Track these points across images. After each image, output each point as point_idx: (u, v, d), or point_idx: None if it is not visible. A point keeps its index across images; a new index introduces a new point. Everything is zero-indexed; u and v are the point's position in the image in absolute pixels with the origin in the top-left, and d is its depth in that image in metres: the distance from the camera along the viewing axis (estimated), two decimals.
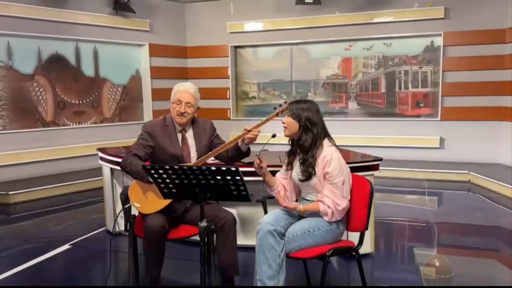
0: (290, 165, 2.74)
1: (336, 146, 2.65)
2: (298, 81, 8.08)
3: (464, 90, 7.00)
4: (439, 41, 7.11)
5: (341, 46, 7.73)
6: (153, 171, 2.24)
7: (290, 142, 2.78)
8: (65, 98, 7.00)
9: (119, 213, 2.76)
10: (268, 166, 2.74)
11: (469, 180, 6.31)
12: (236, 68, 8.44)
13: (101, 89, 7.47)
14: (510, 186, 5.47)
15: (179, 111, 2.85)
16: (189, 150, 2.92)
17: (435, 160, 7.16)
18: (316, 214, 2.57)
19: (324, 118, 2.67)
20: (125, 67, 7.78)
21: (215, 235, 2.59)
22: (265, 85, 8.30)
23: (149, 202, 2.71)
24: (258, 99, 8.37)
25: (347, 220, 2.63)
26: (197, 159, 2.86)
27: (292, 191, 2.79)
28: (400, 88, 7.54)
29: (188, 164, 2.79)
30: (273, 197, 2.78)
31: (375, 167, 3.56)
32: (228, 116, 8.36)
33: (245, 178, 2.12)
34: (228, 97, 8.34)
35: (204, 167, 2.15)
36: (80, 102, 7.21)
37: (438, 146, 7.21)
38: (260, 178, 2.74)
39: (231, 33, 8.19)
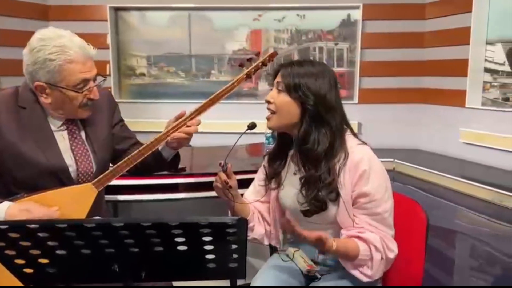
0: (276, 177, 1.51)
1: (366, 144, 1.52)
2: (198, 55, 6.69)
3: (384, 70, 6.41)
4: (356, 14, 6.40)
5: (249, 15, 6.56)
6: None
7: (276, 135, 1.56)
8: None
9: None
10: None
11: (394, 168, 5.76)
12: (118, 36, 6.68)
13: None
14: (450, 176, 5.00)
15: (93, 98, 1.42)
16: (83, 156, 1.43)
17: None
18: (340, 270, 1.37)
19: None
20: None
21: None
22: (156, 59, 6.71)
23: None
24: (149, 77, 6.76)
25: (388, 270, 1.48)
26: (95, 178, 1.39)
27: (276, 225, 1.56)
28: None
29: (80, 217, 1.31)
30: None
31: None
32: None
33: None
34: (108, 73, 6.58)
35: (128, 221, 0.78)
36: None
37: (356, 132, 6.53)
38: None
39: None
